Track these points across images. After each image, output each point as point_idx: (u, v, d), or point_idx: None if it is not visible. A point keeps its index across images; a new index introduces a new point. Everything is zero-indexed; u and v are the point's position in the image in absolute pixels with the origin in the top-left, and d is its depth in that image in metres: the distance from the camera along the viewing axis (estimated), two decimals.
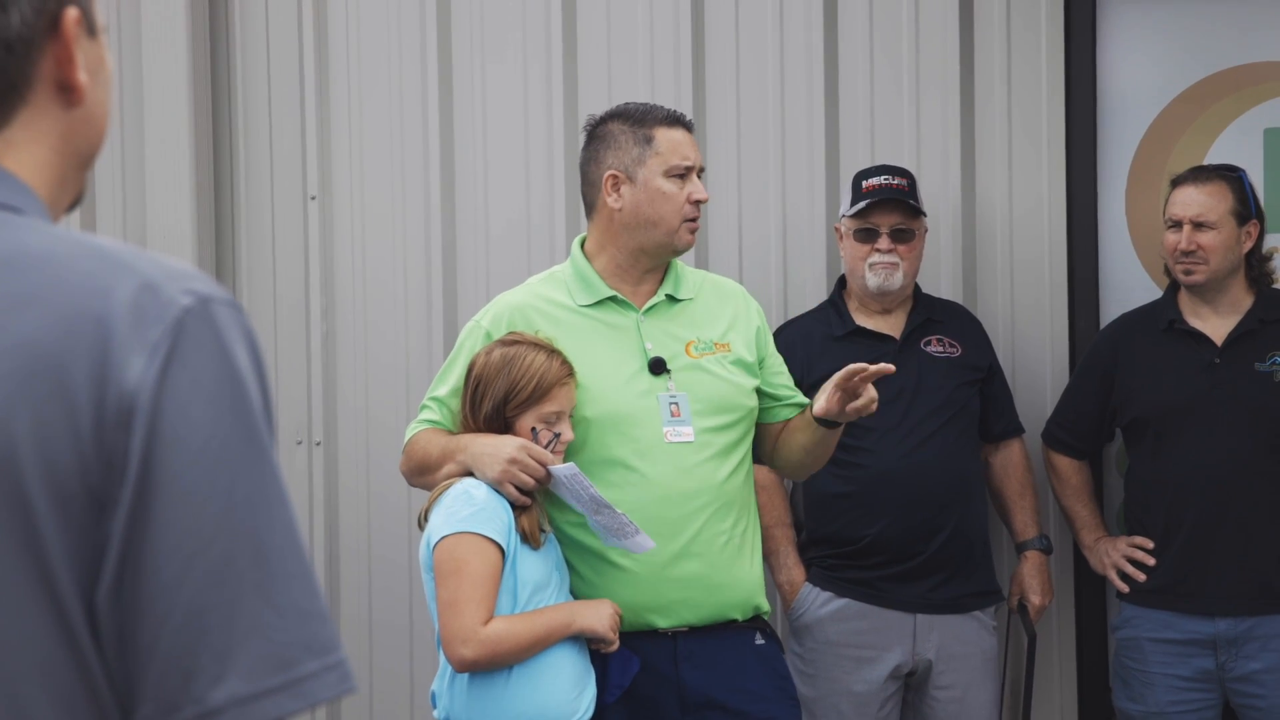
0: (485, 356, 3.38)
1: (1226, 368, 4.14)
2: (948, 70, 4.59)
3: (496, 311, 3.54)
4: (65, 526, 1.22)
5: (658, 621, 3.43)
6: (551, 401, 3.33)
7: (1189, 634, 4.13)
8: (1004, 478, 4.41)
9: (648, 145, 3.49)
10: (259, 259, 4.98)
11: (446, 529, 3.24)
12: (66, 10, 1.34)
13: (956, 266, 4.59)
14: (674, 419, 3.44)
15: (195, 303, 1.27)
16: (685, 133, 3.55)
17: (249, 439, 1.26)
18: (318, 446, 4.93)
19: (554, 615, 3.28)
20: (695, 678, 3.44)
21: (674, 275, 3.58)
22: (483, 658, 3.20)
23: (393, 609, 4.87)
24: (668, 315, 3.55)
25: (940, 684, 4.23)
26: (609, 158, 3.52)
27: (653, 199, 3.48)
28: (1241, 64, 4.50)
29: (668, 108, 3.60)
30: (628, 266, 3.55)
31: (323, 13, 4.93)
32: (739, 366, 3.55)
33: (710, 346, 3.53)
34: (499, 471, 3.27)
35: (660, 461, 3.42)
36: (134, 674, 1.24)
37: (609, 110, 3.62)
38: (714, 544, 3.44)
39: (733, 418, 3.51)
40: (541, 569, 3.31)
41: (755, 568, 3.54)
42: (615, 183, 3.51)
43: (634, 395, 3.45)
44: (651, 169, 3.49)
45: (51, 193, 1.37)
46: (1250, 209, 4.17)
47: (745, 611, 3.51)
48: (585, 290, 3.54)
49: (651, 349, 3.49)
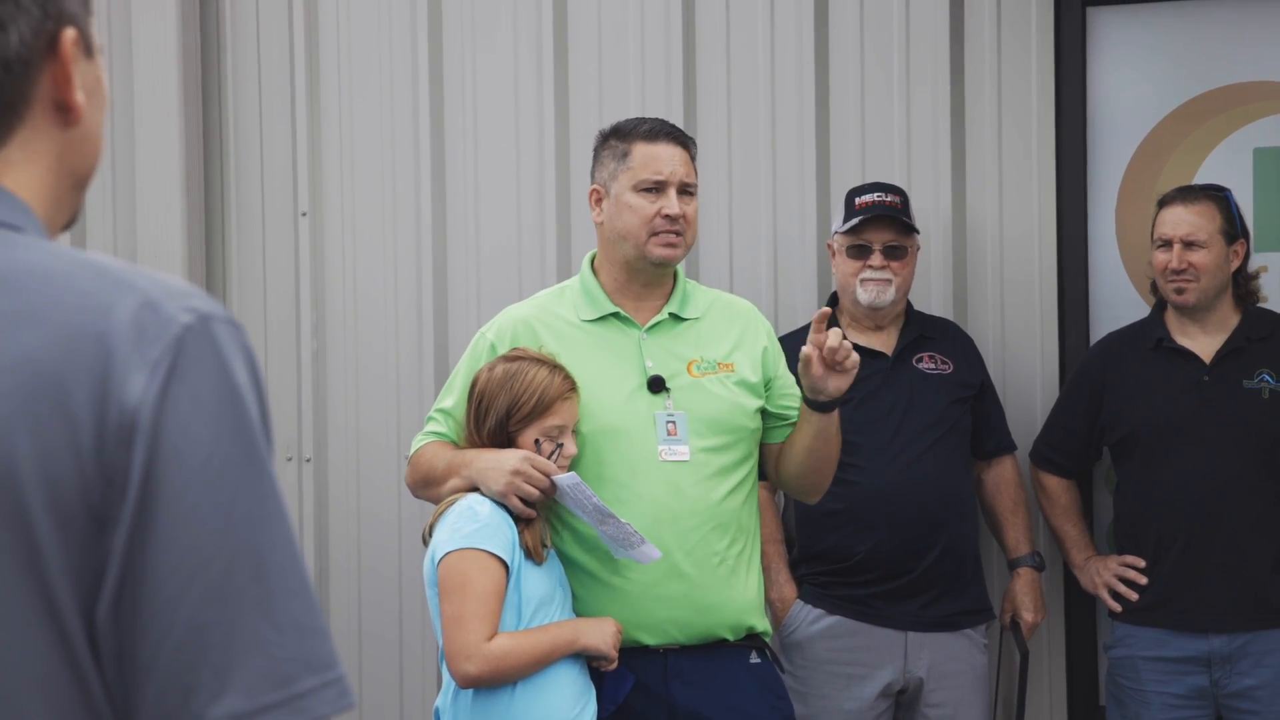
0: (488, 372, 3.39)
1: (1215, 385, 4.15)
2: (938, 88, 4.60)
3: (501, 324, 3.56)
4: (66, 544, 1.22)
5: (645, 639, 3.43)
6: (554, 416, 3.34)
7: (1182, 652, 4.13)
8: (996, 494, 4.41)
9: (623, 160, 3.52)
10: (249, 275, 4.98)
11: (451, 545, 3.24)
12: (64, 31, 1.35)
13: (947, 284, 4.59)
14: (670, 437, 3.44)
15: (196, 320, 1.27)
16: (669, 146, 3.54)
17: (249, 456, 1.27)
18: (308, 463, 4.93)
19: (558, 632, 3.28)
20: (685, 695, 3.44)
21: (680, 294, 3.58)
22: (486, 674, 3.20)
23: (382, 624, 4.86)
24: (671, 334, 3.54)
25: (931, 702, 4.23)
26: (596, 173, 3.59)
27: (620, 212, 3.51)
28: (1231, 83, 4.51)
29: (658, 121, 3.60)
30: (624, 281, 3.56)
31: (314, 29, 4.93)
32: (742, 387, 3.53)
33: (713, 366, 3.52)
34: (504, 483, 3.28)
35: (652, 479, 3.42)
36: (133, 690, 1.24)
37: (613, 125, 3.64)
38: (706, 564, 3.43)
39: (732, 438, 3.50)
40: (545, 585, 3.31)
41: (750, 589, 3.52)
42: (597, 198, 3.57)
43: (630, 412, 3.45)
44: (622, 183, 3.52)
45: (47, 212, 1.37)
46: (1237, 228, 4.19)
47: (736, 632, 3.49)
48: (590, 305, 3.55)
49: (652, 367, 3.49)
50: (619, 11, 4.76)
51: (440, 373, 4.82)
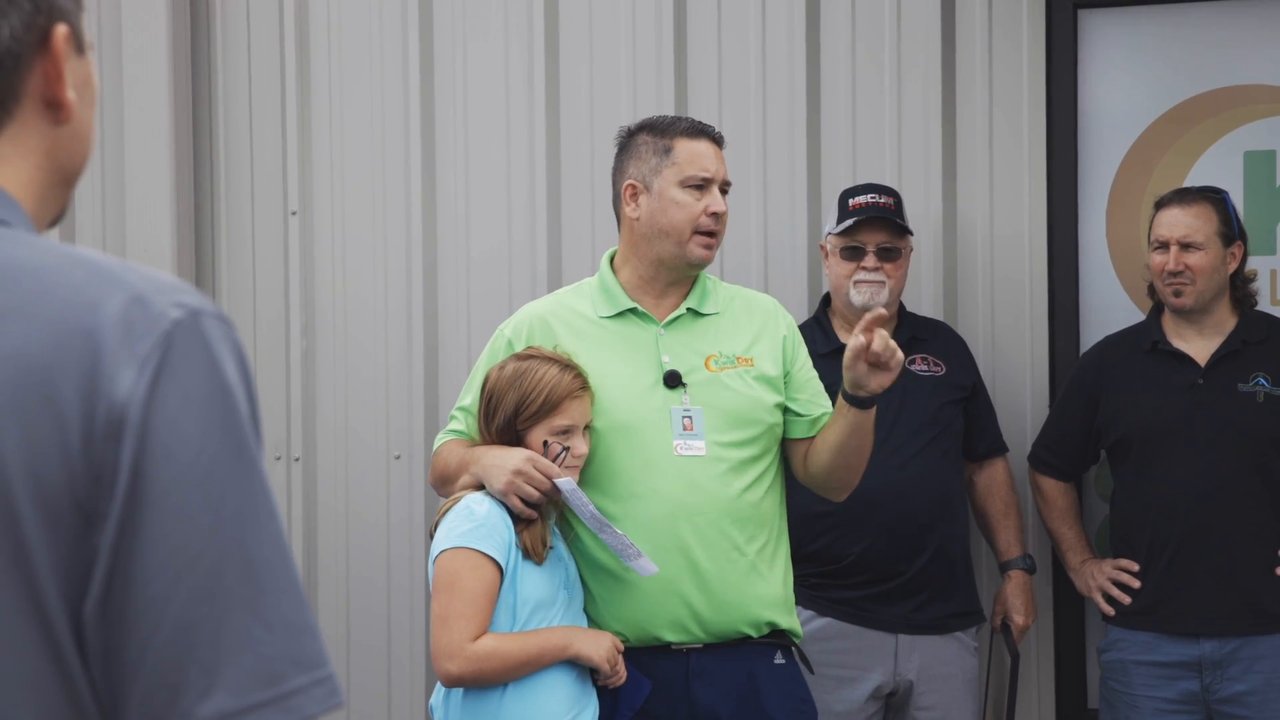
0: (499, 370, 3.39)
1: (1210, 388, 4.14)
2: (929, 89, 4.60)
3: (519, 321, 3.55)
4: (53, 540, 1.21)
5: (666, 636, 3.40)
6: (562, 415, 3.32)
7: (1174, 656, 4.12)
8: (988, 497, 4.40)
9: (666, 155, 3.49)
10: (239, 274, 4.97)
11: (446, 544, 3.25)
12: (56, 27, 1.34)
13: (937, 286, 4.59)
14: (686, 432, 3.41)
15: (185, 316, 1.26)
16: (709, 145, 3.52)
17: (238, 453, 1.26)
18: (296, 462, 4.92)
19: (549, 637, 3.26)
20: (707, 695, 3.41)
21: (700, 289, 3.56)
22: (468, 674, 3.20)
23: (370, 624, 4.86)
24: (690, 329, 3.52)
25: (921, 705, 4.22)
26: (630, 168, 3.53)
27: (666, 208, 3.47)
28: (1222, 86, 4.51)
29: (695, 119, 3.59)
30: (650, 279, 3.54)
31: (304, 29, 4.93)
32: (762, 382, 3.50)
33: (732, 360, 3.50)
34: (504, 483, 3.27)
35: (668, 474, 3.40)
36: (120, 689, 1.23)
37: (640, 121, 3.62)
38: (724, 559, 3.40)
39: (752, 433, 3.47)
40: (546, 587, 3.30)
41: (773, 585, 3.48)
42: (633, 193, 3.52)
43: (646, 407, 3.43)
44: (667, 179, 3.48)
45: (35, 208, 1.36)
46: (1234, 230, 4.17)
47: (759, 629, 3.45)
48: (607, 302, 3.53)
49: (669, 362, 3.47)
50: (610, 12, 4.75)
51: (430, 372, 4.82)
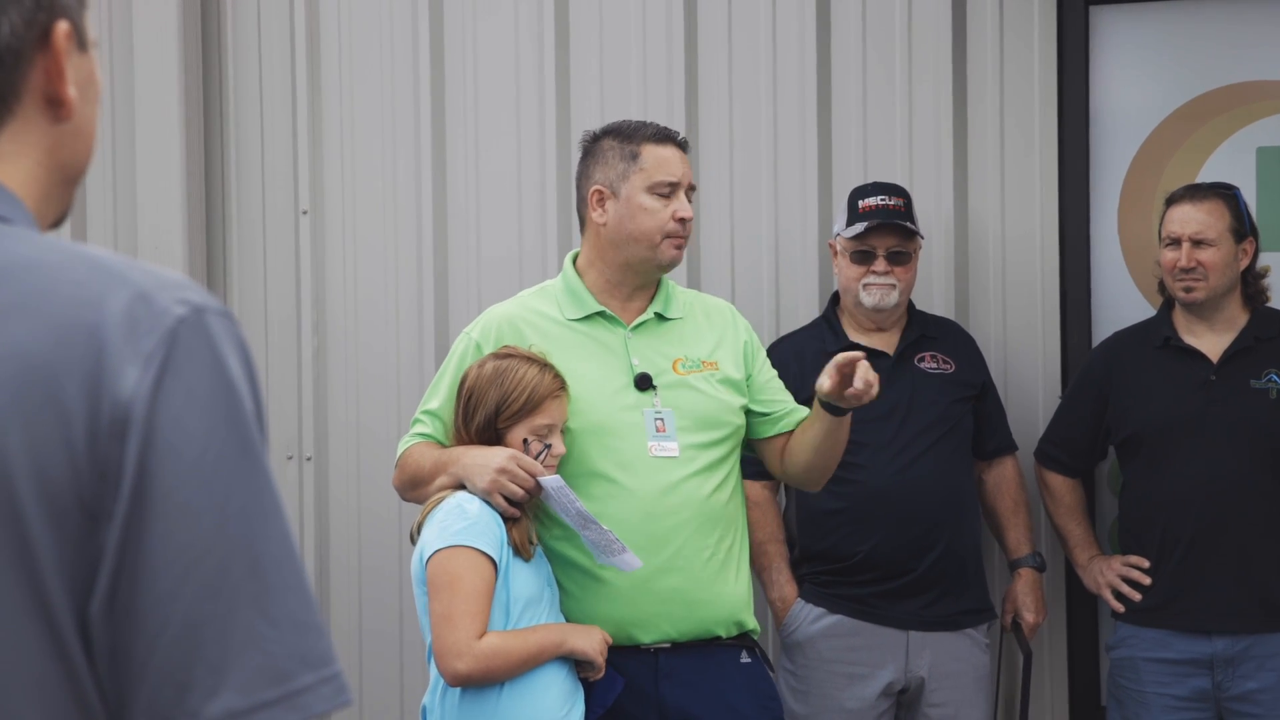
0: (478, 369, 3.39)
1: (1222, 384, 4.13)
2: (940, 87, 4.59)
3: (485, 323, 3.56)
4: (58, 539, 1.21)
5: (639, 636, 3.44)
6: (543, 414, 3.34)
7: (1185, 653, 4.11)
8: (997, 495, 4.39)
9: (633, 161, 3.52)
10: (250, 273, 4.97)
11: (440, 543, 3.23)
12: (57, 23, 1.33)
13: (949, 284, 4.58)
14: (659, 434, 3.46)
15: (189, 312, 1.25)
16: (675, 150, 3.56)
17: (244, 450, 1.25)
18: (308, 461, 4.92)
19: (545, 634, 3.29)
20: (676, 695, 3.45)
21: (664, 294, 3.61)
22: (477, 672, 3.20)
23: (383, 622, 4.86)
24: (656, 333, 3.57)
25: (933, 701, 4.21)
26: (597, 173, 3.56)
27: (634, 214, 3.51)
28: (1234, 83, 4.50)
29: (660, 125, 3.62)
30: (616, 282, 3.57)
31: (315, 27, 4.93)
32: (726, 385, 3.56)
33: (698, 364, 3.55)
34: (488, 481, 3.27)
35: (643, 475, 3.43)
36: (127, 688, 1.22)
37: (604, 126, 3.64)
38: (696, 559, 3.45)
39: (719, 435, 3.52)
40: (534, 584, 3.32)
41: (741, 585, 3.54)
42: (600, 198, 3.55)
43: (619, 409, 3.46)
44: (635, 184, 3.51)
45: (36, 206, 1.35)
46: (1246, 226, 4.16)
47: (729, 629, 3.51)
48: (575, 305, 3.56)
49: (638, 365, 3.51)
50: (620, 14, 4.75)
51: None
